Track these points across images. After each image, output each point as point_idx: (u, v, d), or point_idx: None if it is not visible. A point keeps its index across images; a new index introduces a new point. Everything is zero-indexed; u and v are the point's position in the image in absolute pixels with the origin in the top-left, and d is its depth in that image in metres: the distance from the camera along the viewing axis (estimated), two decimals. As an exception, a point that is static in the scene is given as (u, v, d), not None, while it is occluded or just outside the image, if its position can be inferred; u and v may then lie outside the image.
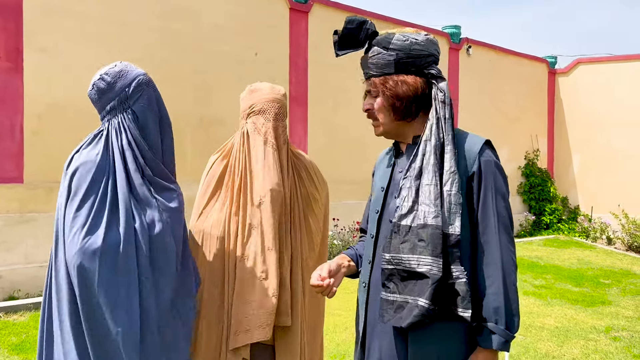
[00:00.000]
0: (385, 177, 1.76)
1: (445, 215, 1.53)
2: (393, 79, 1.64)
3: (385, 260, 1.58)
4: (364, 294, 1.74)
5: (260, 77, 8.11)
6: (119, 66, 1.81)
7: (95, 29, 6.08)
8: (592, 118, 11.36)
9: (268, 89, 2.16)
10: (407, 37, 1.64)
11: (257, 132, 2.08)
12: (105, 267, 1.62)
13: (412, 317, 1.48)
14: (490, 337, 1.51)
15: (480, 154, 1.61)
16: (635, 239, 9.12)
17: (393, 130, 1.71)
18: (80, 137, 6.72)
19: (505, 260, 1.56)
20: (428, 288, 1.48)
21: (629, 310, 5.53)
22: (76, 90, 5.98)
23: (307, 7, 7.94)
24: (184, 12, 6.77)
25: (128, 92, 1.77)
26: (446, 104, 1.62)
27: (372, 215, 1.76)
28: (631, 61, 11.06)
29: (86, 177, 1.69)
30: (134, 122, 1.77)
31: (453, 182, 1.55)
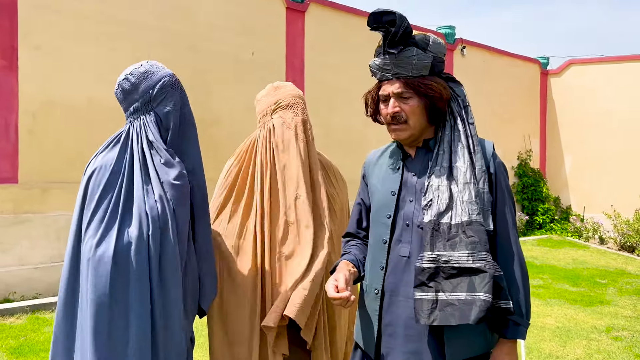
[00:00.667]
0: (393, 181, 1.73)
1: (482, 212, 1.57)
2: (435, 80, 1.63)
3: (429, 260, 1.55)
4: (377, 301, 1.69)
5: (257, 77, 8.13)
6: (145, 66, 1.77)
7: (92, 28, 6.00)
8: (584, 119, 11.44)
9: (292, 86, 2.17)
10: (439, 40, 1.66)
11: (287, 127, 2.04)
12: (115, 274, 1.59)
13: (479, 311, 1.48)
14: (516, 328, 1.59)
15: (494, 156, 1.68)
16: (628, 239, 9.19)
17: (418, 134, 1.69)
18: (76, 137, 6.66)
19: (520, 255, 1.65)
20: (487, 282, 1.49)
21: (628, 310, 5.56)
22: (72, 89, 5.90)
23: (303, 6, 7.90)
24: (181, 11, 6.71)
25: (152, 94, 1.74)
26: (467, 108, 1.67)
27: (382, 219, 1.71)
28: (622, 62, 11.15)
29: (100, 182, 1.67)
30: (156, 124, 1.73)
31: (485, 180, 1.59)
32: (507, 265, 1.61)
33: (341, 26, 8.45)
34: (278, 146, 2.02)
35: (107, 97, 6.10)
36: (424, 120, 1.66)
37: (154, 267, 1.62)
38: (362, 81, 8.95)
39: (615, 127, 11.04)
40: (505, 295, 1.55)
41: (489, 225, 1.57)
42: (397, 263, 1.66)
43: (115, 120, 6.12)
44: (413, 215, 1.65)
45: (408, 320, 1.62)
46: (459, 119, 1.63)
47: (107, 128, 6.07)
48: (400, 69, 1.64)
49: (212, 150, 5.49)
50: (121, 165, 1.69)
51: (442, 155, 1.62)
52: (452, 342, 1.57)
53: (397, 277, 1.65)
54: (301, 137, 2.02)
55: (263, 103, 2.12)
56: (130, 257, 1.60)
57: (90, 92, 6.01)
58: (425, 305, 1.54)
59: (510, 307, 1.55)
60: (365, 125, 8.71)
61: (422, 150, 1.71)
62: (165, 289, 1.65)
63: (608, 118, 11.17)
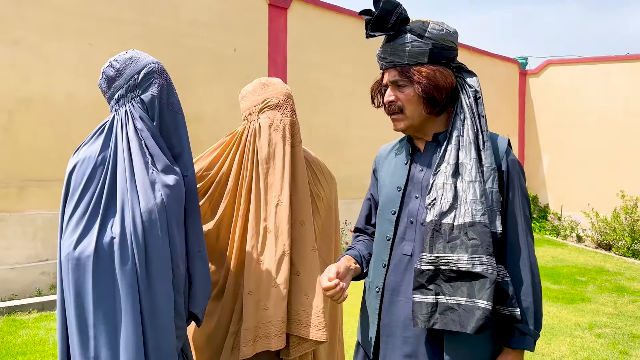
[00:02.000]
0: (400, 176, 1.66)
1: (488, 213, 1.47)
2: (431, 68, 1.54)
3: (428, 261, 1.48)
4: (377, 299, 1.64)
5: (239, 74, 8.03)
6: (130, 53, 1.68)
7: (71, 22, 5.85)
8: (562, 118, 11.60)
9: (281, 83, 2.06)
10: (442, 27, 1.57)
11: (275, 129, 1.94)
12: (96, 272, 1.50)
13: (477, 320, 1.40)
14: (522, 338, 1.49)
15: (507, 153, 1.58)
16: (605, 237, 9.34)
17: (417, 125, 1.62)
18: (54, 134, 6.49)
19: (532, 260, 1.55)
20: (487, 289, 1.40)
21: (608, 307, 5.63)
22: (50, 85, 5.74)
23: (286, 3, 7.83)
24: (162, 6, 6.58)
25: (137, 79, 1.64)
26: (479, 100, 1.56)
27: (387, 216, 1.66)
28: (599, 63, 11.33)
29: (83, 175, 1.58)
30: (142, 111, 1.64)
31: (494, 179, 1.50)
32: (517, 270, 1.52)
33: (324, 24, 8.41)
34: (262, 149, 1.93)
35: (87, 93, 5.97)
36: (421, 110, 1.58)
37: (140, 264, 1.53)
38: (344, 79, 8.96)
39: (592, 126, 11.22)
40: (512, 302, 1.47)
41: (497, 227, 1.48)
42: (399, 261, 1.60)
43: (95, 117, 5.99)
44: (417, 213, 1.58)
45: (406, 321, 1.57)
46: (469, 112, 1.54)
47: (86, 125, 5.94)
48: (395, 56, 1.58)
49: (193, 148, 5.38)
50: (105, 157, 1.60)
51: (449, 152, 1.53)
52: (451, 347, 1.50)
53: (399, 276, 1.60)
54: (288, 140, 1.94)
55: (249, 100, 2.02)
56: (113, 253, 1.51)
57: (69, 88, 5.86)
58: (424, 309, 1.47)
59: (516, 315, 1.46)
60: (347, 124, 8.70)
61: (432, 144, 1.63)
62: (152, 287, 1.55)
63: (585, 118, 11.34)
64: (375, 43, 1.88)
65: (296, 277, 1.92)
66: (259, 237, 1.90)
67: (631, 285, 6.63)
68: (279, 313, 1.85)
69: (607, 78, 11.27)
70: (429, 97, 1.55)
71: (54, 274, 5.73)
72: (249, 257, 1.89)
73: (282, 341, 1.85)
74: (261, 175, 1.93)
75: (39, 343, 4.19)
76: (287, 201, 1.89)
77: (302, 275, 1.92)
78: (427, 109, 1.57)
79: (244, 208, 1.93)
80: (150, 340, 1.54)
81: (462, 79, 1.59)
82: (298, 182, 1.97)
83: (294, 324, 1.89)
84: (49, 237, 5.71)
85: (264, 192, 1.92)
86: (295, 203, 1.95)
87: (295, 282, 1.92)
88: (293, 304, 1.90)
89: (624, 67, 11.16)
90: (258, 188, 1.93)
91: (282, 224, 1.89)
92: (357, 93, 8.95)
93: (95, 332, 1.49)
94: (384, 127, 9.53)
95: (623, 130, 11.05)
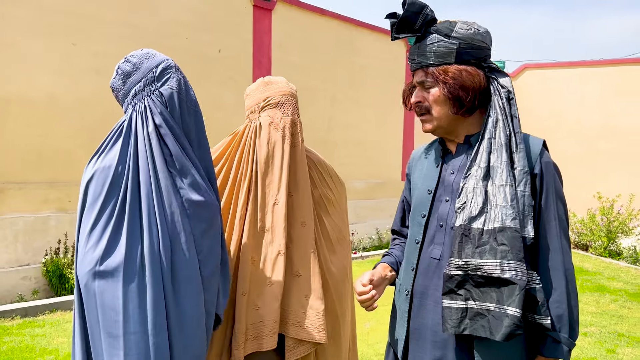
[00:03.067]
0: (431, 179, 1.64)
1: (519, 217, 1.44)
2: (457, 68, 1.52)
3: (457, 266, 1.46)
4: (407, 302, 1.63)
5: (223, 75, 7.95)
6: (145, 50, 1.64)
7: (51, 20, 5.71)
8: (538, 121, 11.81)
9: (284, 83, 2.05)
10: (470, 26, 1.54)
11: (275, 127, 1.93)
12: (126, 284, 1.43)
13: (505, 327, 1.38)
14: (555, 346, 1.46)
15: (541, 155, 1.55)
16: (582, 238, 9.53)
17: (446, 126, 1.58)
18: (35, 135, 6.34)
19: (567, 266, 1.51)
20: (517, 295, 1.38)
21: (591, 306, 5.74)
22: (30, 85, 5.60)
23: (271, 5, 7.80)
24: (146, 5, 6.48)
25: (155, 72, 1.58)
26: (512, 101, 1.53)
27: (417, 219, 1.65)
28: (575, 67, 11.59)
29: (103, 186, 1.49)
30: (162, 105, 1.57)
31: (526, 182, 1.47)
32: (550, 276, 1.48)
33: (308, 26, 8.40)
34: (262, 148, 1.91)
35: (69, 94, 5.84)
36: (449, 111, 1.55)
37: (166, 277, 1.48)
38: (328, 81, 8.95)
39: (568, 129, 11.47)
40: (542, 310, 1.44)
41: (529, 232, 1.44)
42: (428, 265, 1.59)
43: (77, 118, 5.87)
44: (447, 216, 1.56)
45: (435, 325, 1.55)
46: (501, 113, 1.51)
47: (68, 126, 5.82)
48: (422, 57, 1.56)
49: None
50: (125, 164, 1.52)
51: (481, 154, 1.50)
52: (481, 352, 1.48)
53: (427, 279, 1.59)
54: (288, 138, 1.92)
55: (252, 98, 2.01)
56: (143, 268, 1.45)
57: (51, 89, 5.72)
58: (454, 314, 1.45)
59: (545, 323, 1.44)
60: (330, 126, 8.71)
61: (464, 146, 1.60)
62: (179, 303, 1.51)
63: (561, 121, 11.58)
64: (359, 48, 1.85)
65: (296, 278, 1.90)
66: (255, 237, 1.88)
67: (611, 285, 6.78)
68: (271, 313, 1.83)
69: (581, 82, 11.53)
70: (455, 97, 1.52)
71: (35, 279, 5.58)
72: (244, 257, 1.86)
73: (274, 341, 1.83)
74: (259, 173, 1.91)
75: (26, 350, 4.07)
76: (284, 201, 1.88)
77: (303, 276, 1.90)
78: (454, 109, 1.54)
79: (242, 207, 1.90)
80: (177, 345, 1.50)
81: (495, 80, 1.55)
82: (299, 182, 1.95)
83: (291, 326, 1.87)
84: (30, 240, 5.57)
85: (261, 191, 1.90)
86: (295, 203, 1.93)
87: (296, 283, 1.90)
88: (293, 305, 1.88)
89: (598, 71, 11.43)
90: (256, 187, 1.91)
91: (278, 224, 1.88)
92: (340, 95, 8.97)
93: (126, 344, 1.43)
94: (367, 129, 9.61)
95: (598, 133, 11.32)
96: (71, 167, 5.82)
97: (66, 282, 5.53)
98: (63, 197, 5.82)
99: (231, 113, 7.22)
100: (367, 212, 9.39)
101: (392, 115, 9.78)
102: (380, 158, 9.76)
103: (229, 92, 7.31)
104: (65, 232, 5.74)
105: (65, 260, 5.56)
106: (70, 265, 5.56)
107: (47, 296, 5.57)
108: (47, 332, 4.52)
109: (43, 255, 5.62)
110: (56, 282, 5.52)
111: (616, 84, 11.33)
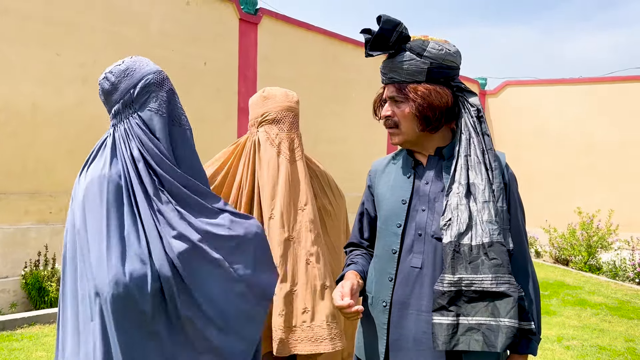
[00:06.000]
0: (403, 189, 1.67)
1: (503, 231, 1.52)
2: (427, 87, 1.57)
3: (450, 282, 1.49)
4: (385, 314, 1.63)
5: (209, 87, 7.95)
6: (126, 63, 1.57)
7: (37, 29, 5.67)
8: (519, 137, 11.99)
9: (282, 96, 2.05)
10: (442, 46, 1.59)
11: (270, 143, 1.95)
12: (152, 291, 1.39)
13: (506, 338, 1.43)
14: (529, 344, 1.56)
15: (507, 168, 1.64)
16: (563, 252, 9.64)
17: (414, 140, 1.64)
18: (16, 145, 6.25)
19: (532, 270, 1.63)
20: (512, 307, 1.44)
21: (574, 320, 5.80)
22: (14, 95, 5.53)
23: (256, 18, 7.85)
24: (132, 16, 6.48)
25: (133, 94, 1.53)
26: (482, 118, 1.60)
27: (392, 229, 1.65)
28: (555, 85, 11.83)
29: (101, 197, 1.43)
30: (142, 127, 1.51)
31: (503, 198, 1.55)
32: (523, 282, 1.57)
33: (294, 40, 8.46)
34: (259, 163, 1.95)
35: (52, 103, 5.78)
36: (416, 127, 1.60)
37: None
38: (313, 96, 9.00)
39: (549, 145, 11.66)
40: (527, 316, 1.51)
41: (509, 244, 1.52)
42: (408, 274, 1.60)
43: (61, 127, 5.81)
44: (426, 225, 1.59)
45: (419, 334, 1.56)
46: (473, 131, 1.57)
47: (52, 136, 5.75)
48: (394, 73, 1.60)
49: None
50: (119, 175, 1.48)
51: (459, 172, 1.55)
52: (470, 358, 1.52)
53: (408, 289, 1.59)
54: (285, 154, 1.95)
55: (252, 111, 2.05)
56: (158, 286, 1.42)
57: (34, 98, 5.66)
58: (445, 330, 1.48)
59: (532, 328, 1.51)
60: (315, 140, 8.73)
61: (434, 158, 1.65)
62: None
63: (542, 137, 11.77)
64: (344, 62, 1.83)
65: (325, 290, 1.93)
66: None
67: (592, 299, 6.85)
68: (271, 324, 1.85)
69: (562, 99, 11.76)
70: (423, 116, 1.58)
71: (14, 292, 5.47)
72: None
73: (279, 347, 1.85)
74: (256, 188, 1.94)
75: (3, 364, 3.98)
76: (279, 215, 1.88)
77: (330, 286, 1.93)
78: (421, 127, 1.60)
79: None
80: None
81: (464, 98, 1.61)
82: (307, 196, 1.97)
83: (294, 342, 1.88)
84: (10, 252, 5.46)
85: (257, 205, 1.93)
86: (305, 217, 1.94)
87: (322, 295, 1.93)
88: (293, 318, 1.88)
89: (578, 89, 11.67)
90: (258, 201, 1.93)
91: (273, 238, 1.88)
92: (326, 109, 9.02)
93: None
94: (352, 143, 9.66)
95: (578, 150, 11.52)
96: (54, 178, 5.75)
97: (45, 295, 5.43)
98: (44, 209, 5.73)
99: (217, 126, 7.21)
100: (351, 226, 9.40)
101: (377, 130, 9.85)
102: (364, 172, 9.80)
103: (215, 104, 7.30)
104: (46, 244, 5.65)
105: (45, 273, 5.46)
106: (50, 277, 5.46)
107: (26, 309, 5.45)
108: (25, 346, 4.42)
109: (22, 268, 5.51)
110: (35, 295, 5.42)
111: (595, 101, 11.58)
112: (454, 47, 1.62)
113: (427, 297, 1.56)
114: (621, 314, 6.08)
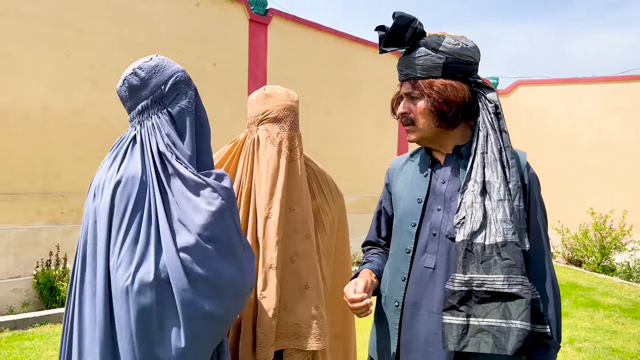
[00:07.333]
0: (419, 188, 1.64)
1: (518, 231, 1.47)
2: (442, 82, 1.54)
3: (461, 282, 1.45)
4: (397, 314, 1.61)
5: (218, 88, 7.96)
6: (155, 60, 1.57)
7: (46, 31, 5.71)
8: (531, 137, 11.88)
9: (284, 95, 2.03)
10: (458, 41, 1.56)
11: (271, 142, 1.93)
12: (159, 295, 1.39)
13: (517, 342, 1.38)
14: (546, 351, 1.49)
15: (528, 167, 1.58)
16: (575, 253, 9.54)
17: (431, 137, 1.61)
18: (27, 146, 6.31)
19: (552, 274, 1.55)
20: (524, 309, 1.39)
21: (586, 322, 5.73)
22: (25, 96, 5.58)
23: (266, 19, 7.85)
24: (141, 18, 6.51)
25: (164, 90, 1.53)
26: (500, 115, 1.56)
27: (407, 228, 1.63)
28: (567, 84, 11.71)
29: (131, 194, 1.43)
30: (170, 124, 1.52)
31: (520, 197, 1.49)
32: (540, 284, 1.52)
33: (304, 40, 8.45)
34: (258, 162, 1.93)
35: (63, 105, 5.82)
36: (432, 123, 1.58)
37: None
38: (323, 96, 8.98)
39: (561, 145, 11.55)
40: (542, 320, 1.46)
41: (525, 244, 1.47)
42: (421, 275, 1.57)
43: (71, 129, 5.85)
44: (441, 225, 1.56)
45: (430, 335, 1.54)
46: (490, 128, 1.54)
47: (62, 137, 5.79)
48: (410, 69, 1.59)
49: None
50: (145, 172, 1.47)
51: (476, 169, 1.51)
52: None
53: (420, 289, 1.57)
54: (285, 154, 1.93)
55: (252, 109, 2.02)
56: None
57: (45, 100, 5.71)
58: (454, 330, 1.45)
59: (547, 332, 1.46)
60: (325, 140, 8.72)
61: (452, 157, 1.62)
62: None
63: (554, 137, 11.66)
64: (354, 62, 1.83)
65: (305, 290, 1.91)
66: (254, 249, 1.88)
67: (605, 301, 6.77)
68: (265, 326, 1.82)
69: (574, 99, 11.65)
70: (439, 111, 1.55)
71: (26, 291, 5.52)
72: None
73: (270, 353, 1.81)
74: (255, 187, 1.92)
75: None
76: (276, 214, 1.87)
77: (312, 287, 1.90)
78: (437, 123, 1.57)
79: (242, 219, 1.90)
80: None
81: (482, 94, 1.57)
82: (300, 195, 1.95)
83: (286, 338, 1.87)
84: (22, 252, 5.51)
85: (253, 205, 1.91)
86: (298, 216, 1.93)
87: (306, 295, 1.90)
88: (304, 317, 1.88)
89: (590, 88, 11.55)
90: (254, 200, 1.92)
91: (270, 237, 1.87)
92: (335, 109, 9.00)
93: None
94: (361, 143, 9.63)
95: (590, 149, 11.40)
96: (65, 179, 5.80)
97: (57, 295, 5.47)
98: (55, 209, 5.78)
99: (226, 127, 7.22)
100: (360, 227, 9.37)
101: (386, 130, 9.82)
102: (373, 172, 9.77)
103: (224, 105, 7.32)
104: (57, 244, 5.69)
105: (56, 273, 5.51)
106: (62, 277, 5.51)
107: (38, 309, 5.50)
108: (37, 345, 4.46)
109: (34, 267, 5.56)
110: (47, 294, 5.46)
111: (608, 101, 11.45)
112: (471, 42, 1.59)
113: (439, 298, 1.53)
114: (635, 315, 6.00)
